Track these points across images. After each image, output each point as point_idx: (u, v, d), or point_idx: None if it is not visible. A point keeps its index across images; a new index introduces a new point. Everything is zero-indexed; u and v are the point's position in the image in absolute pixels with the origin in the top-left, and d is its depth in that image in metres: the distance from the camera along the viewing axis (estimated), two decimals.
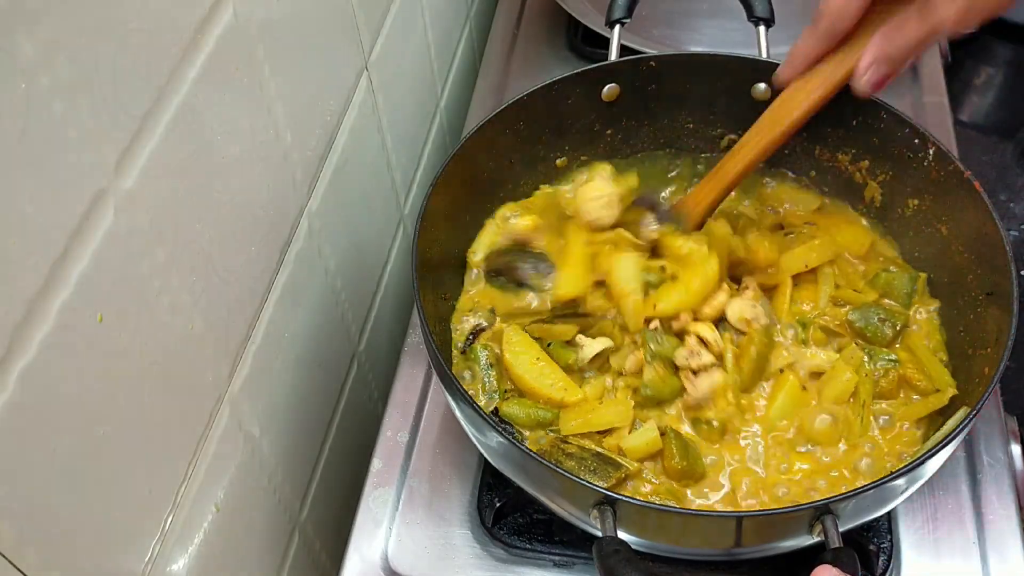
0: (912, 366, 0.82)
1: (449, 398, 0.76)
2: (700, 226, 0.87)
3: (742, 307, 0.82)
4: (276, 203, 0.77)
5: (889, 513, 0.82)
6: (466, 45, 1.35)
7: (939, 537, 0.81)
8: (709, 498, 0.77)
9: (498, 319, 0.88)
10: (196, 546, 0.69)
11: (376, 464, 0.88)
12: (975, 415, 0.68)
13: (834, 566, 0.61)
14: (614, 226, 0.87)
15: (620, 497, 0.64)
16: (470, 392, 0.74)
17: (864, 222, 0.94)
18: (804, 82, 0.81)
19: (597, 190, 0.88)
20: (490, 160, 0.91)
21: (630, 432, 0.79)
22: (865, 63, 0.77)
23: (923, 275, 0.87)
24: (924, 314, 0.86)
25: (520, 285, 0.89)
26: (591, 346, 0.82)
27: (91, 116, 0.51)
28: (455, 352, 0.86)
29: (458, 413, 0.75)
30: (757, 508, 0.75)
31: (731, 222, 0.89)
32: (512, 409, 0.81)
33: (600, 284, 0.85)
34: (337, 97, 0.88)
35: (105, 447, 0.56)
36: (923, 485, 0.72)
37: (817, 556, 0.63)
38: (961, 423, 0.68)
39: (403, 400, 0.92)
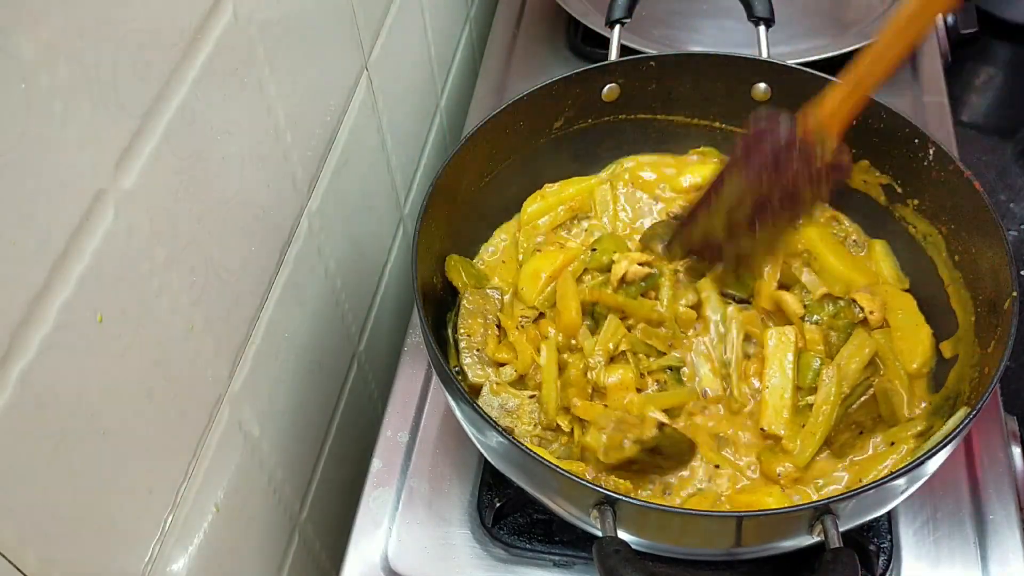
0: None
1: (449, 398, 0.76)
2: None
3: None
4: (276, 203, 0.77)
5: (889, 513, 0.82)
6: (466, 45, 1.35)
7: (939, 537, 0.81)
8: None
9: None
10: (196, 546, 0.69)
11: (376, 464, 0.88)
12: (975, 415, 0.68)
13: (834, 566, 0.61)
14: None
15: (620, 497, 0.64)
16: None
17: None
18: None
19: None
20: (490, 160, 0.91)
21: None
22: None
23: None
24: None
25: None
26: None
27: (91, 116, 0.51)
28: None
29: (458, 413, 0.75)
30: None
31: None
32: None
33: None
34: (337, 97, 0.88)
35: (105, 447, 0.56)
36: (923, 485, 0.72)
37: (817, 556, 0.63)
38: (961, 423, 0.68)
39: (403, 400, 0.92)
